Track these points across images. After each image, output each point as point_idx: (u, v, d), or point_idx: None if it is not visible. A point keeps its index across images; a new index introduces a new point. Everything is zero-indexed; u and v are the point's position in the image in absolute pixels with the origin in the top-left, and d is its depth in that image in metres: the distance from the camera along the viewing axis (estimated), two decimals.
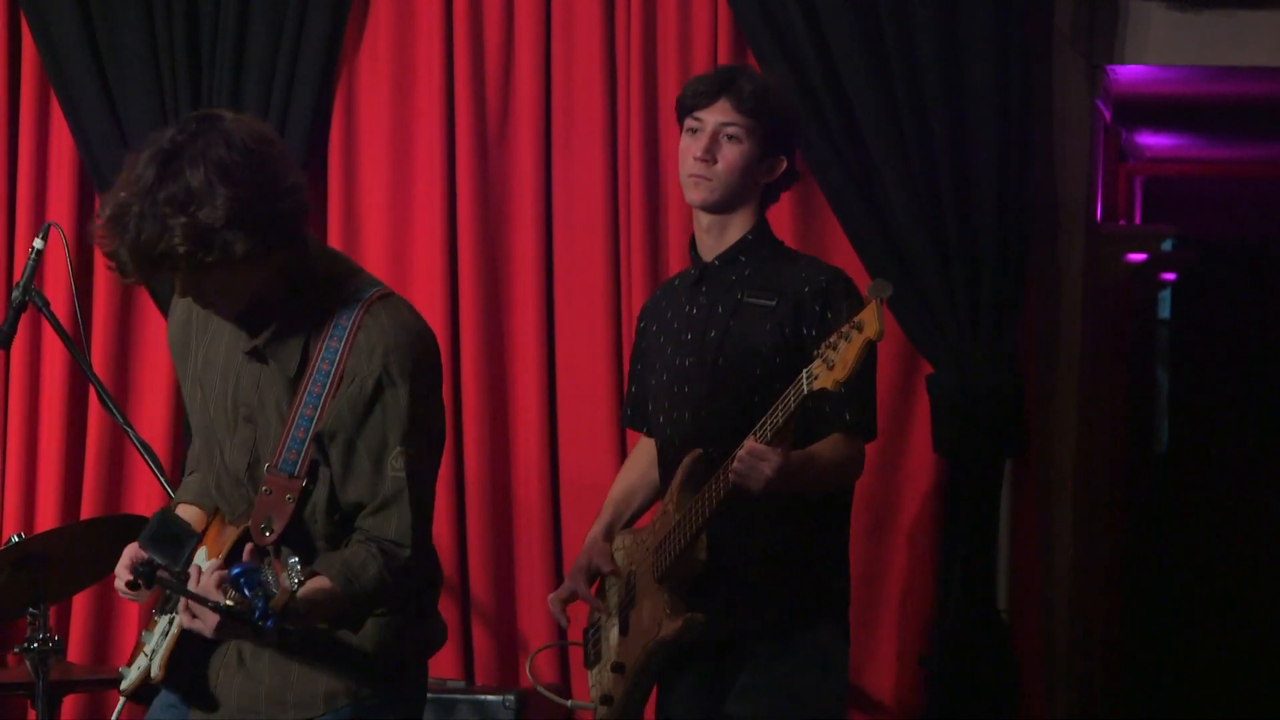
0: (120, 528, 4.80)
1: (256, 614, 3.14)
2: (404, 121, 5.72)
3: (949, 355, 5.33)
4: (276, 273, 3.37)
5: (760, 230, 4.18)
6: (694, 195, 4.15)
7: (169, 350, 3.69)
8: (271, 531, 3.37)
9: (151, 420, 5.74)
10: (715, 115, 4.11)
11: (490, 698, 5.31)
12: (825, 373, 3.67)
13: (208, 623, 3.28)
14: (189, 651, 3.52)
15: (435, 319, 5.40)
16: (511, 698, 5.28)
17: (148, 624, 3.69)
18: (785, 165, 4.16)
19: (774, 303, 4.09)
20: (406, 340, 3.41)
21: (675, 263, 5.49)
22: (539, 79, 5.65)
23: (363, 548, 3.38)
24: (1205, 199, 9.20)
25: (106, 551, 4.69)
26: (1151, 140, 8.40)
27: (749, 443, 3.82)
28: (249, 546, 3.37)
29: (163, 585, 3.27)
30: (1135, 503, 8.07)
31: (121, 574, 3.54)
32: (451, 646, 5.59)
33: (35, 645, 4.58)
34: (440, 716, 5.30)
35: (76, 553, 4.71)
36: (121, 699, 3.84)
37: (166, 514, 3.45)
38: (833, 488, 4.14)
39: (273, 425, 3.46)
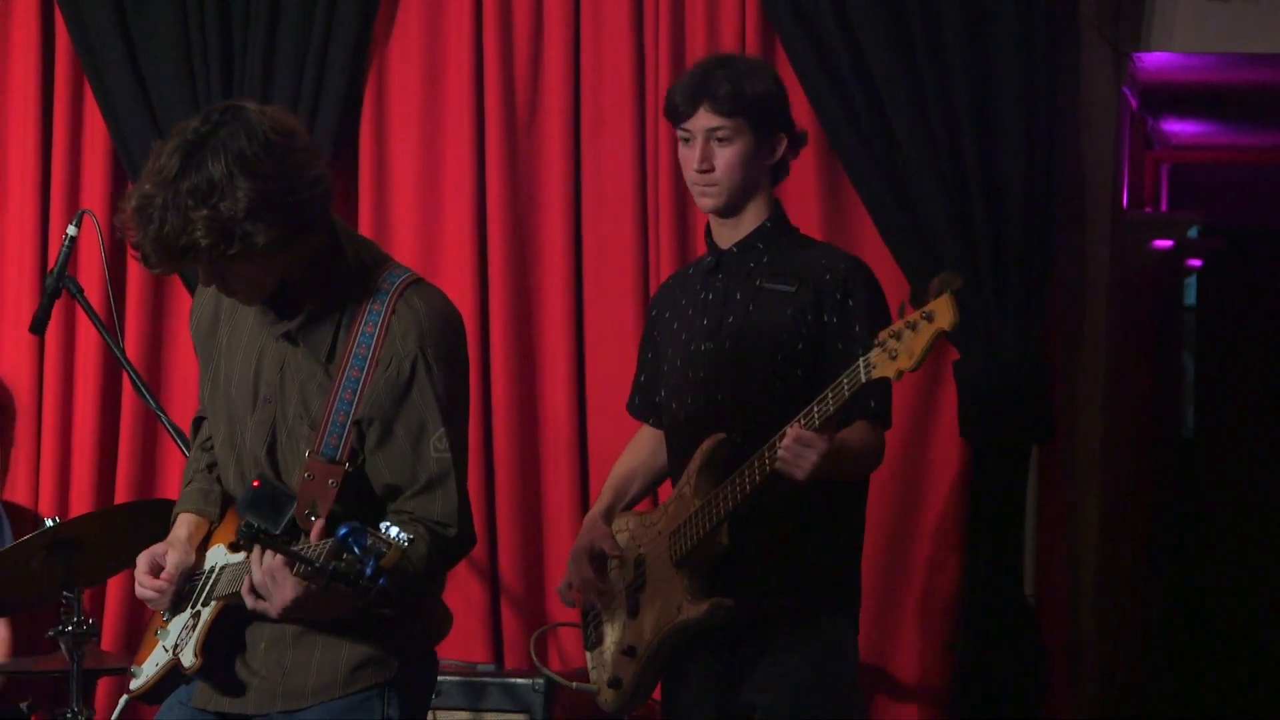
0: (154, 512, 4.84)
1: (369, 572, 3.17)
2: (434, 109, 5.75)
3: (975, 342, 5.35)
4: (305, 258, 3.41)
5: (777, 217, 4.19)
6: (703, 203, 4.18)
7: (190, 331, 3.74)
8: (316, 516, 3.41)
9: (184, 405, 5.75)
10: (700, 122, 4.11)
11: (520, 680, 5.30)
12: (887, 362, 3.67)
13: (276, 601, 3.35)
14: (222, 639, 3.56)
15: (465, 305, 5.43)
16: (541, 680, 5.26)
17: (158, 625, 3.71)
18: (785, 140, 4.16)
19: (793, 289, 4.09)
20: (439, 325, 3.47)
21: (703, 247, 5.50)
22: (568, 65, 5.67)
23: (409, 529, 3.40)
24: (1231, 186, 9.19)
25: (140, 535, 4.72)
26: (1178, 127, 8.39)
27: (795, 430, 3.81)
28: (317, 525, 3.41)
29: (268, 548, 3.31)
30: (1161, 488, 8.06)
31: (142, 580, 3.62)
32: (481, 629, 5.63)
33: (70, 629, 4.62)
34: (470, 700, 5.29)
35: (110, 537, 4.74)
36: (124, 698, 3.86)
37: (264, 479, 3.49)
38: (857, 476, 4.14)
39: (292, 407, 3.50)
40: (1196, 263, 8.99)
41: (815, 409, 3.80)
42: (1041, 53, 5.35)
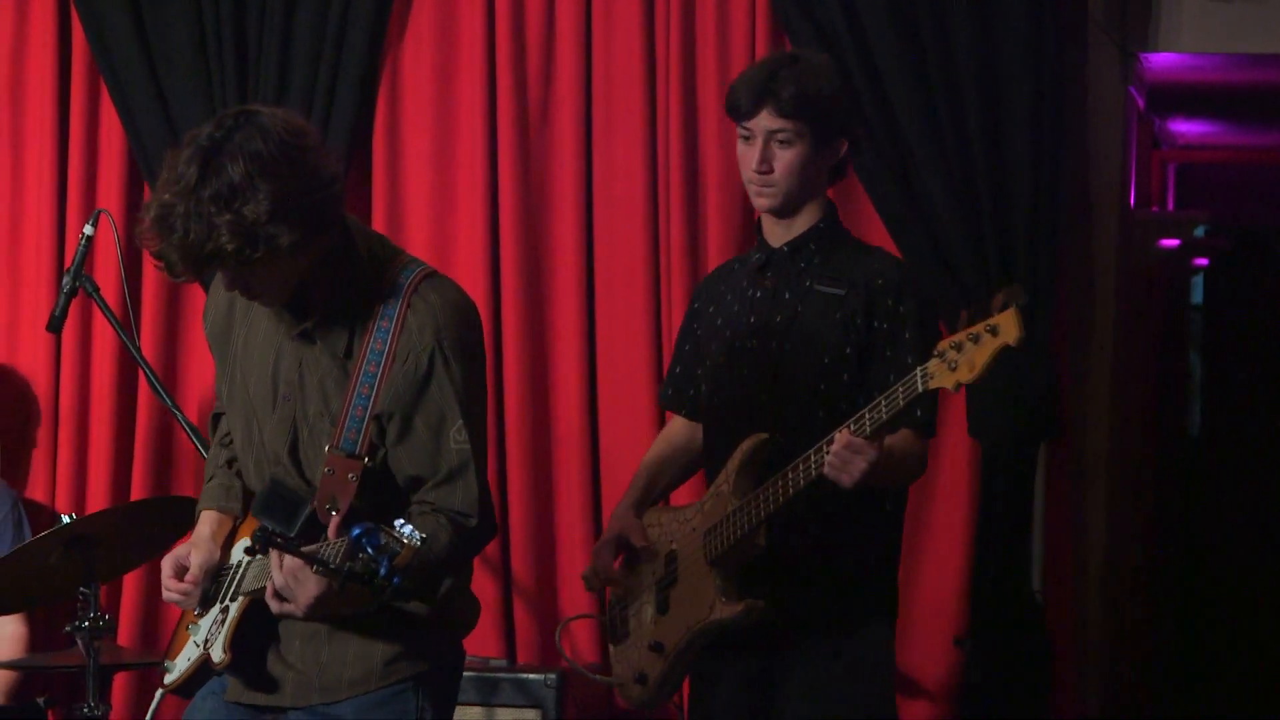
0: (169, 508, 4.88)
1: (383, 571, 3.18)
2: (447, 109, 5.77)
3: None
4: (319, 257, 3.43)
5: (830, 218, 4.15)
6: (759, 203, 4.12)
7: (205, 334, 3.75)
8: (337, 511, 3.43)
9: (200, 403, 5.80)
10: (762, 123, 4.05)
11: (532, 676, 5.30)
12: (945, 373, 3.65)
13: (301, 600, 3.38)
14: (250, 634, 3.59)
15: (478, 303, 5.41)
16: (554, 676, 5.27)
17: (189, 620, 3.74)
18: (846, 145, 4.11)
19: (844, 292, 4.05)
20: (455, 318, 3.51)
21: (714, 245, 5.55)
22: (579, 65, 5.69)
23: (431, 519, 3.45)
24: (1238, 185, 9.21)
25: (156, 532, 4.79)
26: (1184, 127, 8.41)
27: (845, 435, 3.76)
28: (335, 521, 3.44)
29: (283, 551, 3.34)
30: (1167, 486, 8.09)
31: (168, 584, 3.65)
32: (493, 625, 5.63)
33: (86, 624, 4.64)
34: (483, 695, 5.30)
35: (126, 533, 4.76)
36: (159, 692, 3.89)
37: (275, 482, 3.51)
38: (898, 484, 4.10)
39: (313, 404, 3.52)
40: (1203, 262, 9.02)
41: (867, 415, 3.76)
42: (1049, 53, 5.37)
